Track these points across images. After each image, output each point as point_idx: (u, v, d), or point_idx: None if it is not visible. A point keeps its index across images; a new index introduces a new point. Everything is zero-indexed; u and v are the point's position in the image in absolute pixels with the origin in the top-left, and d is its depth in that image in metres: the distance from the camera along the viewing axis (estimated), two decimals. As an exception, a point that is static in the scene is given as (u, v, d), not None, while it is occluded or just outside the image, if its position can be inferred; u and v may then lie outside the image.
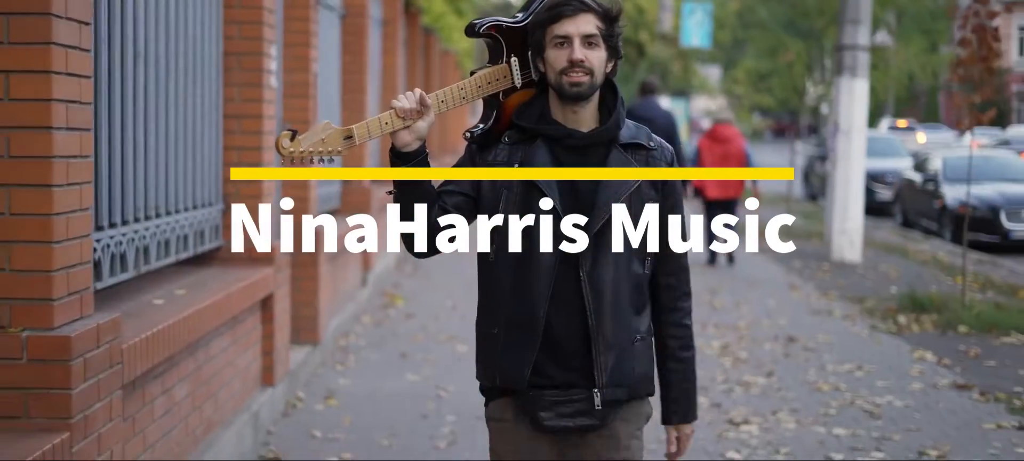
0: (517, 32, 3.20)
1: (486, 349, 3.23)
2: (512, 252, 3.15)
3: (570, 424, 3.16)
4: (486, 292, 3.24)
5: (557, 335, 3.14)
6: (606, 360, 3.15)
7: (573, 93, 3.11)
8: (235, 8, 6.47)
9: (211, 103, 6.20)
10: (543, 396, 3.15)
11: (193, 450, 5.24)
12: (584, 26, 3.10)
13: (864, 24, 15.23)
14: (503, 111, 3.21)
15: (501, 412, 3.23)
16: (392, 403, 7.31)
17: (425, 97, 3.08)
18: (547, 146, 3.16)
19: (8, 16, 3.52)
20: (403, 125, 3.06)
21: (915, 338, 9.91)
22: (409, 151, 3.07)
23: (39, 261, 3.59)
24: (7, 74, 3.55)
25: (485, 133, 3.22)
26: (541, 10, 3.15)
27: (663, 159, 3.24)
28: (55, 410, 3.56)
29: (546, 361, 3.15)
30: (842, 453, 6.43)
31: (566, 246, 3.10)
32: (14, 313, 3.57)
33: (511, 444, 3.22)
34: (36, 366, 3.55)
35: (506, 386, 3.19)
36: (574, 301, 3.13)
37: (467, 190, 3.21)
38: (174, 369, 4.94)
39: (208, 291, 5.51)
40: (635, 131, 3.24)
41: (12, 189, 3.56)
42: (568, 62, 3.08)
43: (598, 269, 3.13)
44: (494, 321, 3.20)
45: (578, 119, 3.16)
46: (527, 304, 3.13)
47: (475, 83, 3.18)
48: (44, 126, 3.57)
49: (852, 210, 15.28)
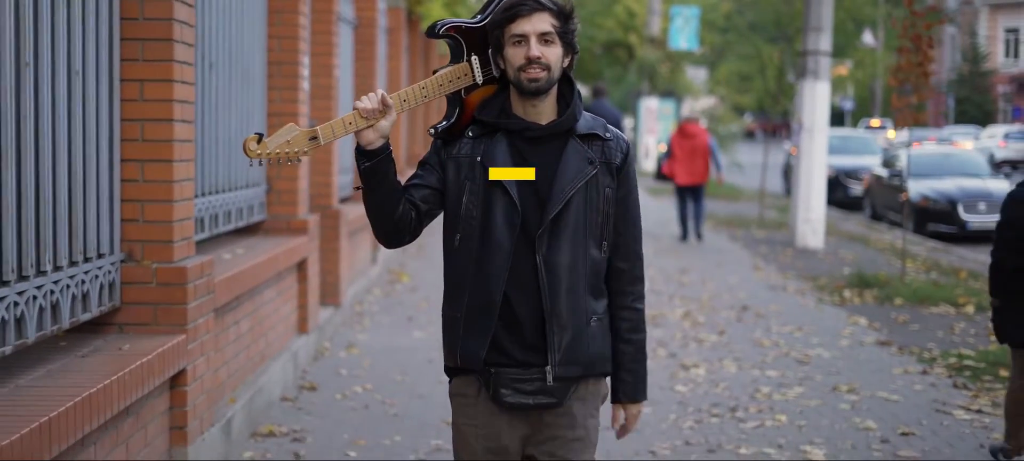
0: (476, 31, 3.32)
1: (449, 333, 3.35)
2: (473, 240, 3.28)
3: (529, 401, 3.28)
4: (450, 279, 3.36)
5: (517, 316, 3.26)
6: (560, 339, 3.26)
7: (531, 88, 3.23)
8: (276, 25, 7.95)
9: (258, 103, 7.66)
10: (503, 374, 3.28)
11: (251, 373, 6.72)
12: (540, 25, 3.21)
13: (825, 31, 16.69)
14: (465, 107, 3.33)
15: (464, 388, 3.37)
16: (403, 352, 8.79)
17: (387, 97, 3.20)
18: (507, 139, 3.29)
19: (143, 40, 4.99)
20: (367, 124, 3.18)
21: (855, 308, 11.40)
22: (373, 149, 3.20)
23: (163, 214, 5.05)
24: (142, 82, 5.01)
25: (448, 128, 3.34)
26: (499, 10, 3.26)
27: (619, 149, 3.37)
28: (176, 318, 5.03)
29: (506, 340, 3.27)
30: (770, 387, 7.92)
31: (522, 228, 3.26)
32: (146, 251, 5.04)
33: (472, 418, 3.35)
34: (162, 288, 5.02)
35: (465, 367, 3.33)
36: (531, 283, 3.26)
37: (434, 183, 3.34)
38: (241, 307, 6.42)
39: (260, 252, 6.98)
40: (592, 122, 3.36)
41: (145, 163, 5.03)
42: (525, 59, 3.20)
43: (554, 253, 3.25)
44: (457, 306, 3.32)
45: (537, 112, 3.29)
46: (486, 288, 3.25)
47: (437, 82, 3.30)
48: (167, 119, 5.04)
49: (815, 201, 16.75)
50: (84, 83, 4.56)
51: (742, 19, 22.62)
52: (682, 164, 16.78)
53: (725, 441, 6.57)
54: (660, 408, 7.22)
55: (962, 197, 19.02)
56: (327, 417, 6.91)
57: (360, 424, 6.76)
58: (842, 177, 24.74)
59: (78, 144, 4.51)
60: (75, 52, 4.46)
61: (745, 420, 7.05)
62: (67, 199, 4.42)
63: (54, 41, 4.28)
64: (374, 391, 7.56)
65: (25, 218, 4.05)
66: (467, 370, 3.33)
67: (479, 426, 3.33)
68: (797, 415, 7.17)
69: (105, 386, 4.09)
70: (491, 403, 3.31)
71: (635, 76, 38.88)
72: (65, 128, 4.38)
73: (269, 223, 7.91)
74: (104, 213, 4.78)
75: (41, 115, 4.17)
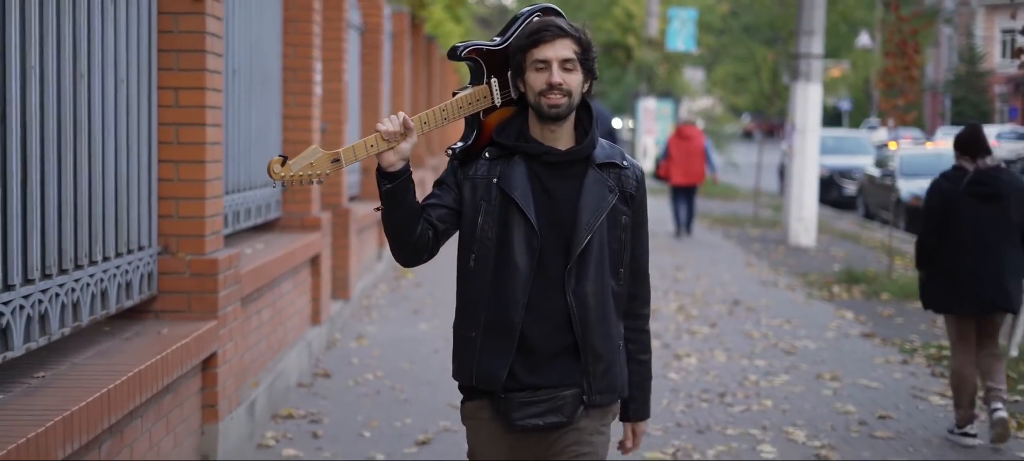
0: (497, 54, 3.36)
1: (463, 351, 3.39)
2: (489, 261, 3.31)
3: (540, 422, 3.33)
4: (464, 297, 3.39)
5: (530, 342, 3.30)
6: (596, 369, 3.33)
7: (552, 114, 3.27)
8: (291, 33, 8.42)
9: (275, 107, 8.13)
10: (513, 398, 3.32)
11: (271, 360, 7.19)
12: (562, 51, 3.25)
13: (818, 34, 17.16)
14: (483, 128, 3.38)
15: (477, 412, 3.42)
16: (410, 343, 9.26)
17: (408, 120, 3.22)
18: (525, 163, 3.32)
19: (178, 52, 5.45)
20: (388, 146, 3.21)
21: (843, 303, 11.88)
22: (394, 171, 3.23)
23: (196, 210, 5.51)
24: (176, 89, 5.47)
25: (466, 149, 3.38)
26: (522, 35, 3.30)
27: (634, 177, 3.42)
28: (208, 306, 5.49)
29: (517, 364, 3.31)
30: (757, 375, 8.38)
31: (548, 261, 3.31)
32: (181, 244, 5.50)
33: (486, 440, 3.42)
34: (196, 278, 5.48)
35: (482, 388, 3.36)
36: (552, 312, 3.31)
37: (450, 203, 3.36)
38: (262, 298, 6.88)
39: (278, 247, 7.45)
40: (610, 151, 3.41)
41: (180, 164, 5.49)
42: (547, 85, 3.24)
43: (582, 285, 3.30)
44: (472, 325, 3.35)
45: (555, 137, 3.33)
46: (504, 311, 3.29)
47: (457, 104, 3.33)
48: (199, 123, 5.51)
49: (807, 200, 17.22)
50: (128, 91, 5.02)
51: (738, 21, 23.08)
52: (679, 165, 17.47)
53: (713, 423, 7.04)
54: (655, 394, 7.58)
55: (954, 197, 19.41)
56: (341, 401, 7.37)
57: (372, 408, 7.23)
58: (836, 177, 25.20)
59: (123, 146, 4.97)
60: (120, 62, 4.92)
61: (733, 405, 7.51)
62: (114, 197, 4.88)
63: (103, 53, 4.74)
64: (384, 378, 8.03)
65: (80, 214, 4.51)
66: (479, 392, 3.38)
67: (492, 447, 3.41)
68: (781, 400, 7.64)
69: (151, 364, 4.55)
70: (502, 426, 3.36)
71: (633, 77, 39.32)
72: (112, 132, 4.84)
73: (284, 220, 8.38)
74: (144, 209, 5.25)
75: (93, 121, 4.63)
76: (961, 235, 6.66)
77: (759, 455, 6.42)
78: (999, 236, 6.63)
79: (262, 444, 6.36)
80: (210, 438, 5.55)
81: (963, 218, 6.65)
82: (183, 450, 5.25)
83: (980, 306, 6.64)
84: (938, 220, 6.72)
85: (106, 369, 4.36)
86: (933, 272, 6.79)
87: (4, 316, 3.84)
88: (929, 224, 6.78)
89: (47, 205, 4.22)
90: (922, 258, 6.86)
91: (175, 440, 5.11)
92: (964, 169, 6.76)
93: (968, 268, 6.62)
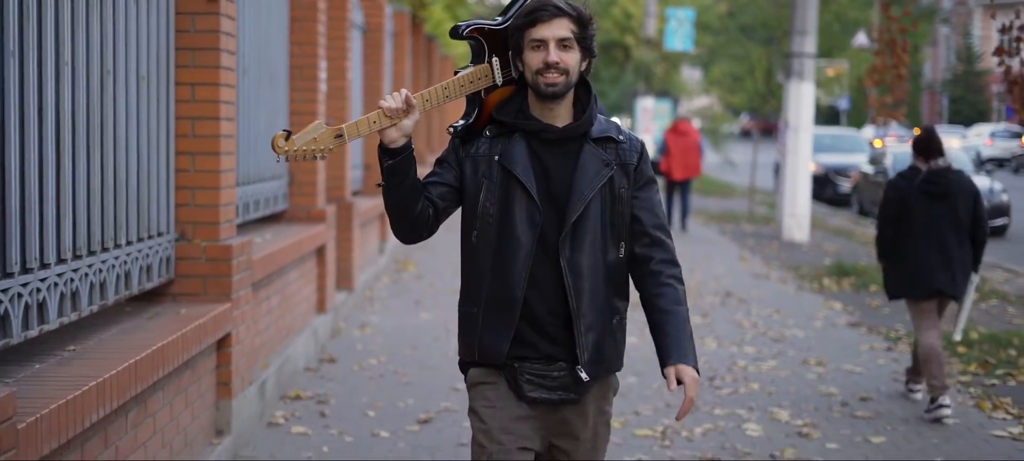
0: (498, 34, 3.39)
1: (467, 327, 3.41)
2: (491, 237, 3.35)
3: (554, 397, 3.36)
4: (468, 274, 3.42)
5: (536, 314, 3.34)
6: (587, 340, 3.33)
7: (549, 92, 3.30)
8: (297, 32, 8.76)
9: (282, 103, 8.46)
10: (527, 367, 3.35)
11: (280, 344, 7.53)
12: (559, 30, 3.28)
13: (810, 35, 17.50)
14: (484, 107, 3.41)
15: (485, 376, 3.41)
16: (412, 331, 9.60)
17: (410, 97, 3.25)
18: (525, 140, 3.36)
19: (194, 50, 5.79)
20: (390, 123, 3.24)
21: (832, 295, 12.22)
22: (396, 147, 3.25)
23: (211, 199, 5.85)
24: (193, 85, 5.81)
25: (467, 128, 3.42)
26: (520, 15, 3.32)
27: (633, 150, 3.43)
28: (222, 289, 5.82)
29: (530, 335, 3.34)
30: (745, 361, 8.73)
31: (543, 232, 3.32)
32: (197, 231, 5.84)
33: (491, 401, 3.39)
34: (210, 263, 5.82)
35: (485, 362, 3.38)
36: (552, 284, 3.33)
37: (451, 181, 3.40)
38: (271, 284, 7.22)
39: (285, 237, 7.78)
40: (606, 125, 3.43)
41: (195, 155, 5.83)
42: (544, 64, 3.27)
43: (576, 255, 3.33)
44: (475, 301, 3.38)
45: (554, 115, 3.37)
46: (506, 285, 3.32)
47: (458, 83, 3.36)
48: (214, 117, 5.84)
49: (800, 196, 17.56)
50: (148, 86, 5.36)
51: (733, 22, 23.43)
52: (677, 159, 18.14)
53: (702, 404, 7.38)
54: (646, 377, 8.02)
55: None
56: (346, 384, 7.72)
57: (376, 390, 7.57)
58: (831, 174, 25.53)
59: (143, 139, 5.30)
60: (141, 60, 5.26)
61: (721, 387, 7.86)
62: (136, 185, 5.21)
63: (127, 51, 5.07)
64: (387, 363, 8.38)
65: (106, 201, 4.84)
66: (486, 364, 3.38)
67: (497, 408, 3.37)
68: (768, 383, 7.98)
69: (172, 341, 4.89)
70: (512, 394, 3.37)
71: (632, 76, 39.66)
72: (134, 125, 5.18)
73: (291, 212, 8.72)
74: (163, 198, 5.58)
75: (117, 115, 4.96)
76: (914, 228, 7.28)
77: (744, 432, 6.75)
78: (948, 231, 7.26)
79: (272, 422, 6.70)
80: (224, 413, 5.89)
81: (916, 214, 7.27)
82: (200, 424, 5.59)
83: (929, 293, 7.27)
84: (894, 215, 7.35)
85: (131, 344, 4.70)
86: (893, 262, 7.43)
87: (41, 292, 4.18)
88: (885, 218, 7.43)
89: (78, 192, 4.55)
90: (881, 250, 7.52)
91: (193, 414, 5.45)
92: (918, 169, 7.35)
93: (921, 258, 7.26)
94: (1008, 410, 7.30)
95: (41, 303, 4.20)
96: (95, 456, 4.17)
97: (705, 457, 6.25)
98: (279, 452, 6.17)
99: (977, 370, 8.34)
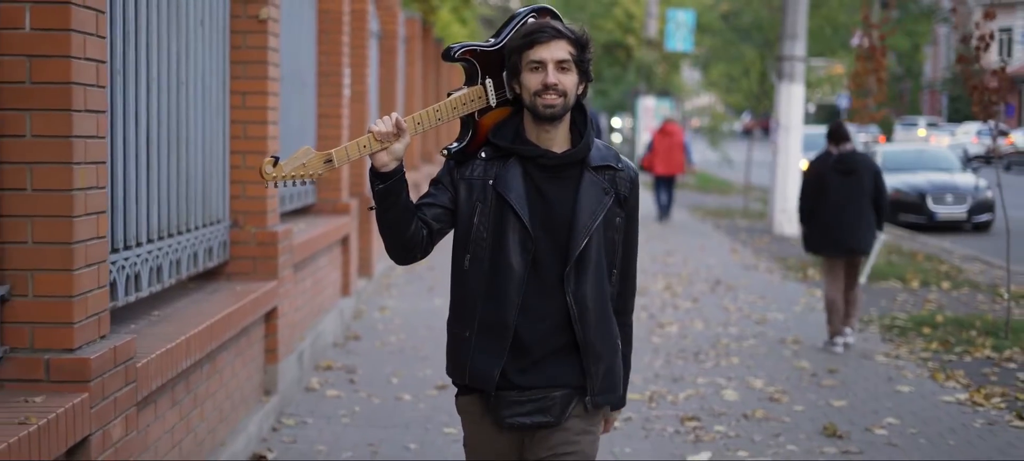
0: (492, 55, 3.37)
1: (457, 350, 3.41)
2: (484, 262, 3.32)
3: (527, 421, 3.37)
4: (459, 297, 3.41)
5: (524, 342, 3.33)
6: (597, 370, 3.37)
7: (547, 114, 3.27)
8: (324, 43, 9.71)
9: (310, 107, 9.41)
10: (503, 397, 3.36)
11: (312, 320, 8.49)
12: (558, 52, 3.26)
13: (800, 38, 18.42)
14: (478, 129, 3.37)
15: (469, 407, 3.47)
16: (426, 314, 10.56)
17: (401, 121, 3.22)
18: (521, 164, 3.33)
19: (245, 63, 6.73)
20: (381, 147, 3.21)
21: (815, 283, 13.15)
22: (387, 171, 3.23)
23: (260, 192, 6.79)
24: (244, 93, 6.75)
25: (461, 150, 3.38)
26: (518, 36, 3.30)
27: (627, 179, 3.43)
28: (270, 270, 6.75)
29: (509, 365, 3.34)
30: (728, 340, 9.68)
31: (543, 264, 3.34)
32: (247, 219, 6.78)
33: (477, 434, 3.49)
34: (260, 247, 6.75)
35: (474, 386, 3.39)
36: (547, 313, 3.34)
37: (446, 203, 3.37)
38: (306, 268, 8.18)
39: (316, 227, 8.73)
40: (605, 153, 3.42)
41: (246, 154, 6.77)
42: (542, 85, 3.25)
43: (581, 287, 3.33)
44: (466, 324, 3.37)
45: (550, 139, 3.34)
46: (498, 311, 3.31)
47: (451, 105, 3.33)
48: (262, 121, 6.78)
49: (790, 192, 18.46)
50: (210, 95, 6.30)
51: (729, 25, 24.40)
52: (661, 157, 19.57)
53: (686, 375, 8.33)
54: (638, 354, 8.95)
55: (931, 190, 20.66)
56: (371, 357, 8.68)
57: (397, 362, 8.53)
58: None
59: (207, 139, 6.25)
60: (205, 72, 6.20)
61: (704, 361, 8.81)
62: (200, 179, 6.16)
63: (195, 64, 6.02)
64: (406, 340, 9.34)
65: (180, 192, 5.79)
66: (472, 389, 3.42)
67: (483, 440, 3.48)
68: (747, 358, 8.93)
69: (234, 310, 5.83)
70: (492, 423, 3.42)
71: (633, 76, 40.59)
72: (200, 128, 6.12)
73: (318, 205, 9.67)
74: (220, 190, 6.53)
75: (188, 119, 5.91)
76: (828, 199, 9.25)
77: (722, 397, 7.70)
78: (856, 200, 9.19)
79: (309, 387, 7.65)
80: (271, 376, 6.84)
81: (830, 187, 9.24)
82: (253, 384, 6.54)
83: (844, 250, 9.27)
84: (813, 189, 9.36)
85: (203, 311, 5.64)
86: (811, 227, 9.46)
87: (137, 265, 5.12)
88: (805, 192, 9.48)
89: (161, 185, 5.49)
90: (802, 217, 9.54)
91: (248, 374, 6.41)
92: (830, 152, 9.37)
93: (835, 222, 9.21)
94: (959, 380, 8.23)
95: (136, 275, 5.14)
96: (180, 397, 5.13)
97: (686, 415, 7.19)
98: (317, 410, 7.13)
99: (937, 348, 9.28)
